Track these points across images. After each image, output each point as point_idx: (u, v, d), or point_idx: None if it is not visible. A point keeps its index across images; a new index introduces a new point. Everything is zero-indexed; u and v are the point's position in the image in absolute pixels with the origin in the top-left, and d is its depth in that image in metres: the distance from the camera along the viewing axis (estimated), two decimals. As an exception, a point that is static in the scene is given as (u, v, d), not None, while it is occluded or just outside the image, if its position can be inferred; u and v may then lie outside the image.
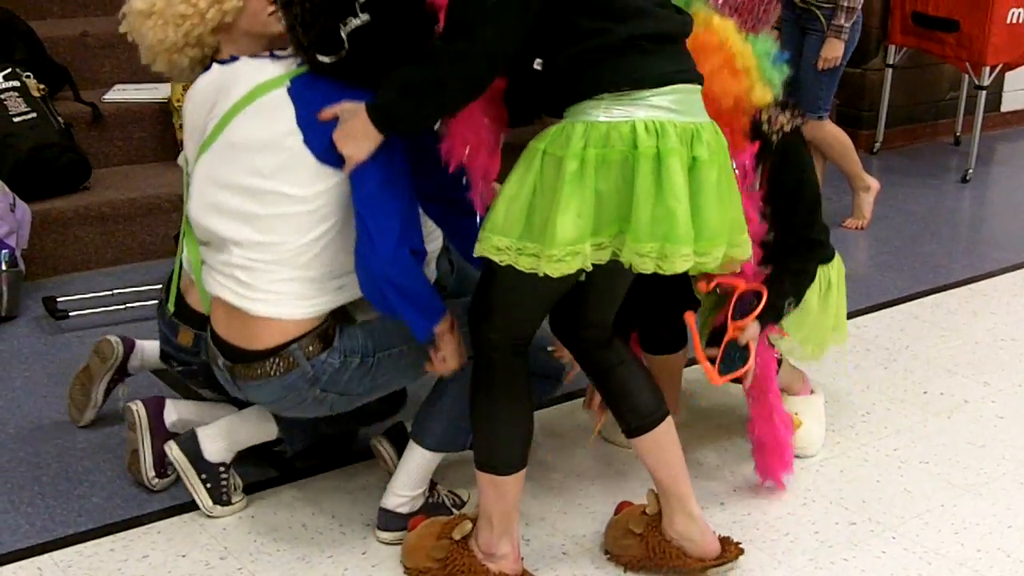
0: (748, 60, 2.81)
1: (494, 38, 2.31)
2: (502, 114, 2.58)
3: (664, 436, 2.71)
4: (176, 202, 4.66)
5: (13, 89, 4.58)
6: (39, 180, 4.49)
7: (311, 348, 2.64)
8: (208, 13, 2.84)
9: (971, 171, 6.40)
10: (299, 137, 2.54)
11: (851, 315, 4.35)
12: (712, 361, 2.83)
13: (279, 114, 2.57)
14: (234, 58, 2.78)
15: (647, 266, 2.35)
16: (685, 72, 2.44)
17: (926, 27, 6.42)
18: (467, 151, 2.53)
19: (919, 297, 4.64)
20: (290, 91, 2.59)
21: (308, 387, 2.67)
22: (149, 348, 3.33)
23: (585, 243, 2.35)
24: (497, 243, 2.40)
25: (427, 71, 2.36)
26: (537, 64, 2.41)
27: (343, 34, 2.49)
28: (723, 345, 2.86)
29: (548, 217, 2.33)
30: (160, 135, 5.02)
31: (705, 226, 2.38)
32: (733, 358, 2.87)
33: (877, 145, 6.85)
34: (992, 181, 6.56)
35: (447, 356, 2.67)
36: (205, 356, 2.91)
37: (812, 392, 3.44)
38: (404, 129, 2.49)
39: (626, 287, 2.68)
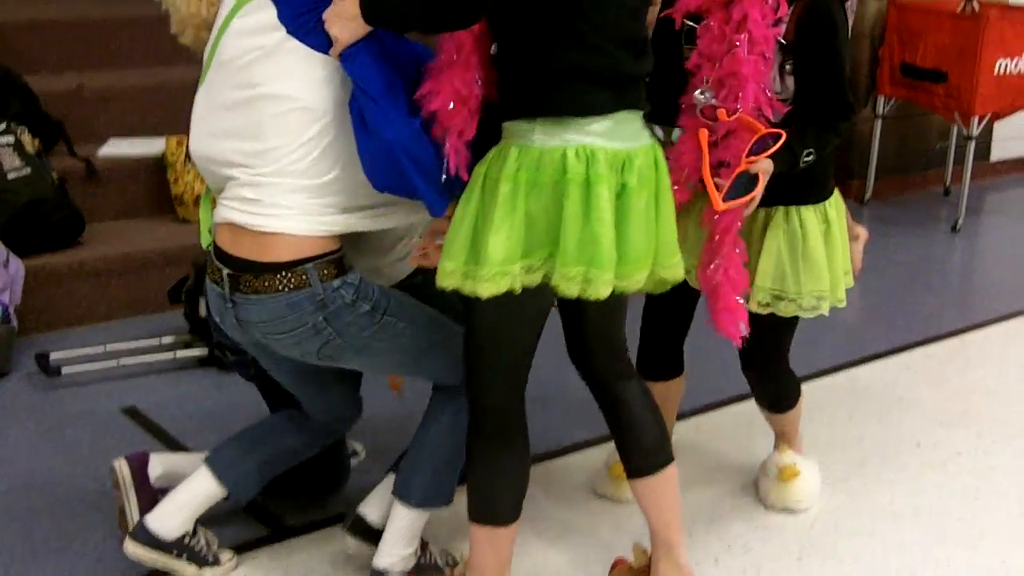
0: None
1: None
2: (492, 77, 2.55)
3: (665, 482, 2.72)
4: (169, 257, 4.68)
5: (8, 144, 4.59)
6: (33, 236, 4.50)
7: (325, 272, 2.57)
8: None
9: (961, 221, 6.43)
10: (281, 31, 2.50)
11: (843, 366, 4.40)
12: (718, 189, 2.75)
13: (259, 16, 2.52)
14: None
15: (572, 290, 2.40)
16: (626, 101, 2.47)
17: (915, 78, 6.48)
18: (451, 105, 2.48)
19: (911, 348, 4.66)
20: None
21: (313, 310, 2.58)
22: (171, 460, 3.14)
23: (515, 264, 2.40)
24: (445, 267, 2.45)
25: None
26: (493, 49, 2.48)
27: None
28: (733, 175, 2.75)
29: (485, 238, 2.39)
30: (154, 190, 5.03)
31: (629, 250, 2.43)
32: (739, 190, 2.77)
33: (867, 195, 6.89)
34: (982, 231, 6.60)
35: (432, 252, 2.64)
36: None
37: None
38: (387, 27, 2.45)
39: (622, 310, 2.69)
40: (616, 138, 2.43)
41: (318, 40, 2.48)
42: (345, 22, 2.42)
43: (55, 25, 5.59)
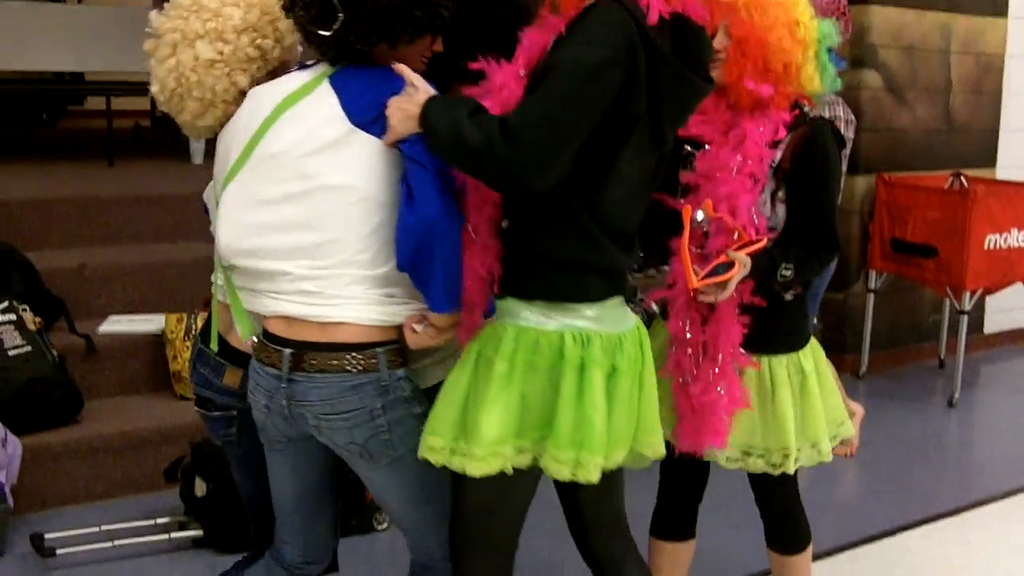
0: (810, 34, 2.85)
1: (530, 168, 2.31)
2: (499, 249, 2.55)
3: None
4: (166, 435, 4.67)
5: (9, 322, 4.63)
6: (31, 414, 4.50)
7: (392, 359, 2.54)
8: (272, 53, 2.81)
9: (957, 395, 6.44)
10: (345, 122, 2.47)
11: (843, 548, 4.36)
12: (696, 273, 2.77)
13: (317, 107, 2.51)
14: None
15: (563, 473, 2.41)
16: (616, 288, 2.54)
17: (905, 253, 6.57)
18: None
19: (910, 528, 4.62)
20: (331, 84, 2.53)
21: (374, 395, 2.53)
22: None
23: (507, 444, 2.41)
24: (431, 443, 2.45)
25: (469, 142, 2.30)
26: (504, 224, 2.50)
27: (335, 1, 2.47)
28: (712, 264, 2.78)
29: (476, 416, 2.40)
30: (153, 366, 5.05)
31: (612, 431, 2.45)
32: (717, 273, 2.79)
33: (863, 369, 6.91)
34: (978, 405, 6.60)
35: (421, 339, 2.54)
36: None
37: None
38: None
39: (616, 485, 2.69)
40: (607, 322, 2.49)
41: (382, 130, 2.47)
42: (407, 118, 2.42)
43: (58, 203, 5.68)
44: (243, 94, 2.78)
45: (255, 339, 2.66)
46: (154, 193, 6.00)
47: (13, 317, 4.66)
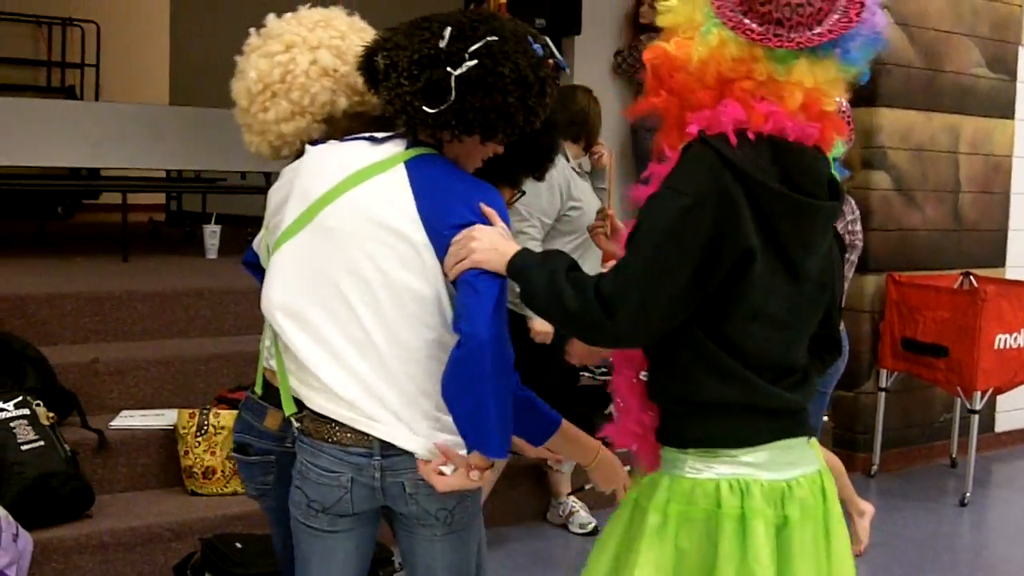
0: None
1: (630, 331, 2.24)
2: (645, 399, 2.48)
3: None
4: (177, 531, 4.65)
5: (23, 417, 4.64)
6: (43, 509, 4.49)
7: None
8: (374, 96, 2.73)
9: (968, 494, 6.41)
10: (419, 230, 2.45)
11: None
12: None
13: (392, 197, 2.47)
14: (320, 141, 2.71)
15: None
16: (784, 430, 2.36)
17: (916, 352, 6.58)
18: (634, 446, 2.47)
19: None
20: (408, 173, 2.50)
21: None
22: None
23: None
24: None
25: (567, 304, 2.25)
26: (643, 374, 2.44)
27: (452, 81, 2.43)
28: None
29: (629, 571, 2.30)
30: (164, 462, 5.05)
31: None
32: None
33: (874, 468, 6.89)
34: (990, 504, 6.58)
35: (452, 482, 2.46)
36: (290, 443, 2.76)
37: None
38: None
39: None
40: (774, 468, 2.33)
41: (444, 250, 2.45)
42: (492, 252, 2.39)
43: (72, 298, 5.71)
44: (330, 120, 2.82)
45: (302, 420, 2.63)
46: (168, 289, 6.05)
47: (27, 412, 4.68)
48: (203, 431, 4.90)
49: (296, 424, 2.66)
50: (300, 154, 2.78)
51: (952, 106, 7.16)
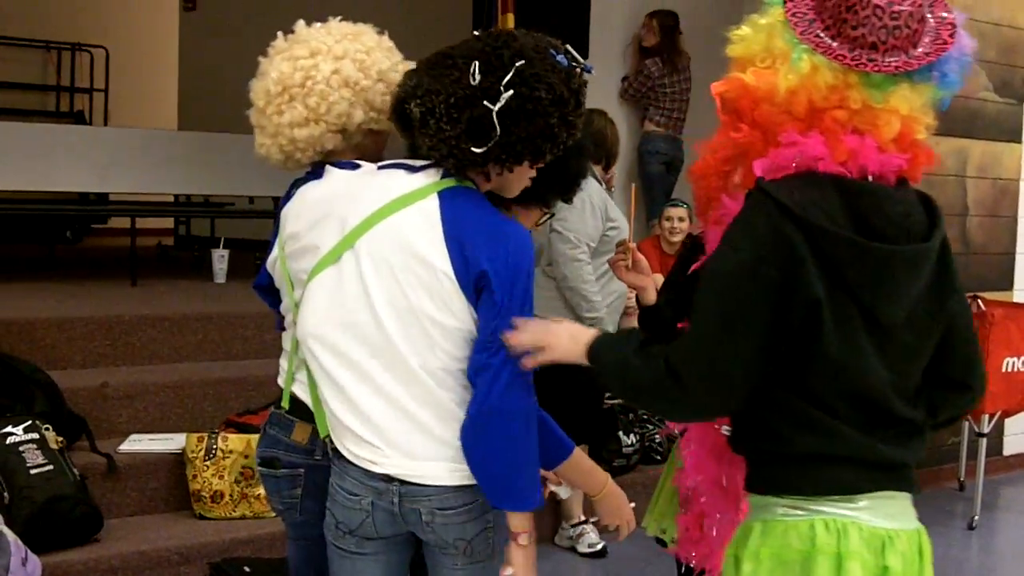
0: None
1: (705, 400, 2.19)
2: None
3: None
4: (185, 555, 4.66)
5: (32, 441, 4.65)
6: (52, 532, 4.50)
7: None
8: (387, 114, 2.77)
9: (977, 518, 6.40)
10: (447, 260, 2.43)
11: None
12: None
13: (427, 229, 2.45)
14: (353, 164, 2.70)
15: None
16: (885, 482, 2.25)
17: (924, 376, 6.56)
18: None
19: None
20: (440, 206, 2.48)
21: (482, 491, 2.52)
22: None
23: None
24: None
25: (639, 383, 2.23)
26: (725, 430, 2.41)
27: (494, 117, 2.40)
28: None
29: None
30: (174, 486, 5.05)
31: None
32: None
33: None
34: (999, 528, 6.56)
35: (520, 570, 2.51)
36: (319, 456, 2.78)
37: None
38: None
39: None
40: (873, 516, 2.21)
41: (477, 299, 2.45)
42: (571, 344, 2.38)
43: (81, 322, 5.73)
44: (344, 132, 2.82)
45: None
46: (177, 313, 6.07)
47: (36, 436, 4.69)
48: (211, 455, 4.90)
49: (330, 445, 2.67)
50: (314, 168, 2.80)
51: (960, 130, 7.17)
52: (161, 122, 11.85)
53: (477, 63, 2.43)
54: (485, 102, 2.40)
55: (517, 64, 2.42)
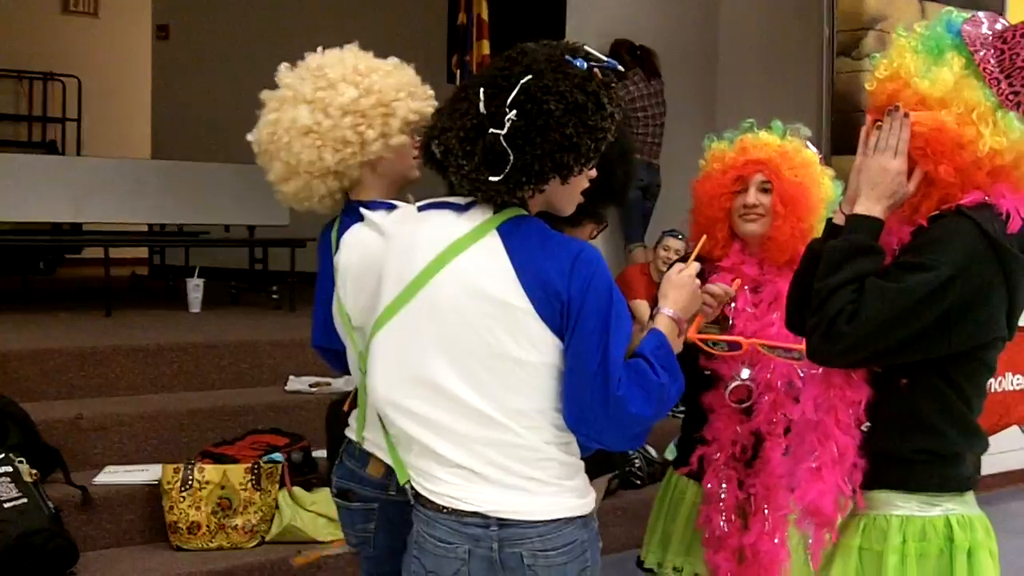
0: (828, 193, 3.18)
1: (838, 354, 2.40)
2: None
3: None
4: (162, 587, 4.62)
5: (5, 475, 4.61)
6: (26, 567, 4.44)
7: None
8: (372, 146, 2.76)
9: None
10: (524, 296, 2.36)
11: None
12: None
13: (494, 269, 2.38)
14: (388, 205, 2.67)
15: None
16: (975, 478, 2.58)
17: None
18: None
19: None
20: (503, 242, 2.40)
21: (580, 526, 2.49)
22: None
23: None
24: None
25: (828, 310, 2.37)
26: (864, 426, 2.52)
27: (503, 142, 2.33)
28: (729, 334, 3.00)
29: None
30: (149, 517, 5.00)
31: None
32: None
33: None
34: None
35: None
36: (394, 491, 2.72)
37: None
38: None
39: None
40: (976, 506, 2.56)
41: (557, 323, 2.38)
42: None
43: (55, 354, 5.70)
44: (332, 174, 2.79)
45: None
46: (151, 343, 6.03)
47: (9, 469, 4.65)
48: (187, 486, 4.86)
49: (411, 490, 2.57)
50: (347, 210, 2.78)
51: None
52: (135, 151, 11.82)
53: (483, 89, 2.38)
54: (492, 129, 2.34)
55: (523, 81, 2.35)
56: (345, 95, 2.79)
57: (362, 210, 2.73)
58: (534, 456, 2.45)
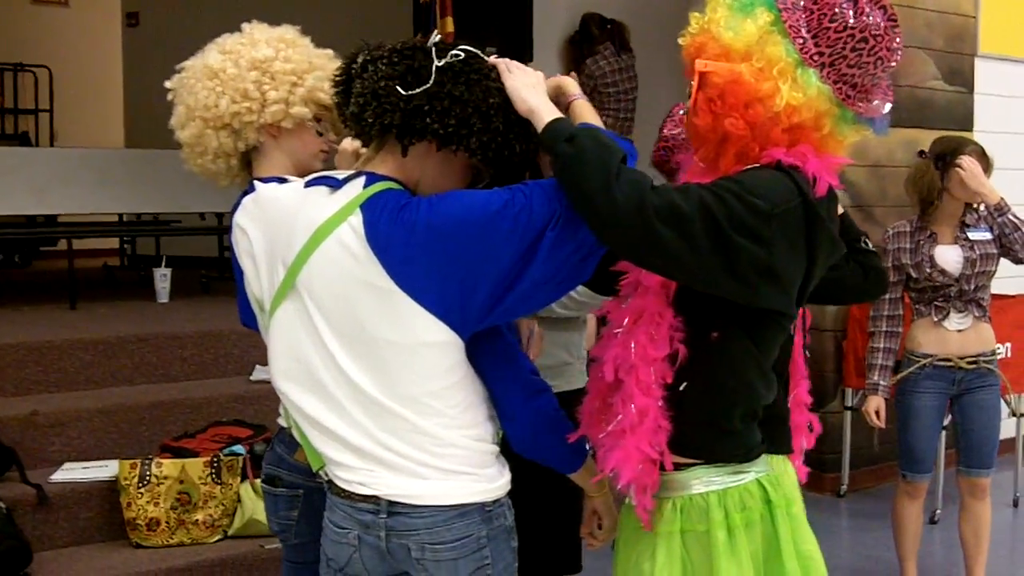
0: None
1: (619, 230, 2.21)
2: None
3: None
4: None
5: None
6: (-24, 570, 4.35)
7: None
8: (270, 108, 2.74)
9: (939, 511, 6.32)
10: (385, 275, 2.27)
11: None
12: None
13: (356, 250, 2.29)
14: (279, 180, 2.60)
15: None
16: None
17: (881, 370, 6.46)
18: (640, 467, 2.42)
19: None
20: (364, 221, 2.31)
21: (479, 521, 2.40)
22: None
23: None
24: None
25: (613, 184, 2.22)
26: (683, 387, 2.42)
27: (432, 69, 2.28)
28: None
29: None
30: (108, 515, 4.88)
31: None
32: None
33: (843, 488, 6.79)
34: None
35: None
36: (320, 479, 2.63)
37: None
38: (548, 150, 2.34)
39: None
40: (770, 464, 2.52)
41: (430, 299, 2.28)
42: (535, 94, 2.38)
43: (13, 349, 5.56)
44: (228, 127, 2.78)
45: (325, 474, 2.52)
46: (113, 335, 5.87)
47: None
48: (145, 482, 4.75)
49: (324, 476, 2.53)
50: (248, 189, 2.69)
51: (909, 120, 7.09)
52: (108, 141, 11.69)
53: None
54: (432, 56, 2.31)
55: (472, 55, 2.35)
56: (260, 52, 2.80)
57: (255, 182, 2.67)
58: (432, 442, 2.36)
